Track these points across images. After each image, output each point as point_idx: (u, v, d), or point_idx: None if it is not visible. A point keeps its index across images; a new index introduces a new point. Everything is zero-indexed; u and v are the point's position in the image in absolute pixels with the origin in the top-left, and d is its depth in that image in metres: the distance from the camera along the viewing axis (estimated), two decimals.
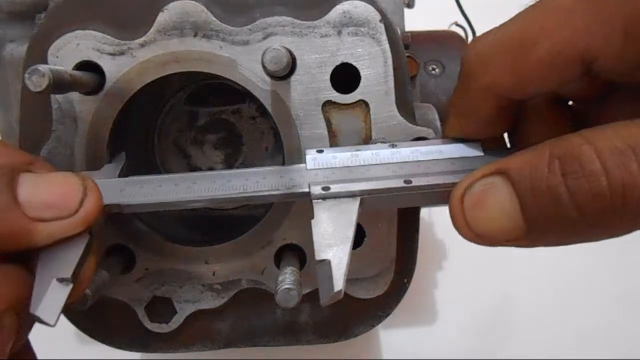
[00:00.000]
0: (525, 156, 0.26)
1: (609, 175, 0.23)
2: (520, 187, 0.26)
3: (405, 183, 0.30)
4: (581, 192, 0.24)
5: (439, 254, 0.72)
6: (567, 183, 0.24)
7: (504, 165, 0.27)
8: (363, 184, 0.30)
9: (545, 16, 0.28)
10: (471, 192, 0.28)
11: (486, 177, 0.28)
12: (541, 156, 0.25)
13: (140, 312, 0.38)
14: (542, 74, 0.28)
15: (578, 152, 0.24)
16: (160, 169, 0.45)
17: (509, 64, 0.28)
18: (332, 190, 0.30)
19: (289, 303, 0.33)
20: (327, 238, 0.28)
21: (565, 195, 0.24)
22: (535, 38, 0.27)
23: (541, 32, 0.27)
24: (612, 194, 0.23)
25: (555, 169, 0.24)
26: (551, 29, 0.27)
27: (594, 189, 0.23)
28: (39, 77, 0.29)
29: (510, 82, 0.29)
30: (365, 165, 0.32)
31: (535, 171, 0.25)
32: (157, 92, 0.43)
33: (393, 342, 0.66)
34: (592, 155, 0.24)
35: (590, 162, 0.24)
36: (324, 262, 0.27)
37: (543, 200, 0.25)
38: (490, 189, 0.27)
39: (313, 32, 0.34)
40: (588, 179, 0.23)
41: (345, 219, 0.29)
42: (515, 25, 0.29)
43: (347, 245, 0.28)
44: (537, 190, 0.25)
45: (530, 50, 0.27)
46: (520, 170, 0.26)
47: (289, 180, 0.31)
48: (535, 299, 0.68)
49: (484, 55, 0.30)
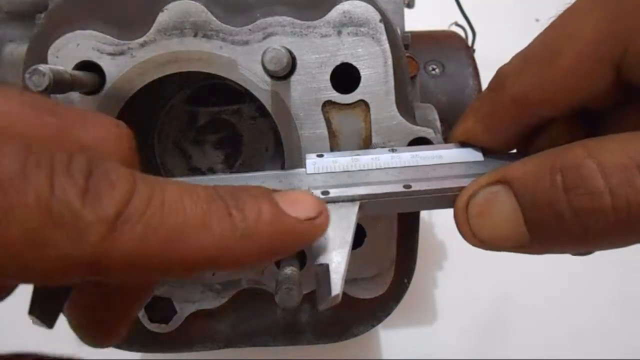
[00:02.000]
0: (528, 166, 0.26)
1: (612, 192, 0.23)
2: (523, 198, 0.25)
3: (405, 188, 0.30)
4: (584, 208, 0.23)
5: (439, 254, 0.72)
6: (570, 199, 0.24)
7: (506, 175, 0.27)
8: (362, 188, 0.30)
9: (565, 22, 0.27)
10: (475, 201, 0.28)
11: (490, 186, 0.27)
12: (543, 167, 0.25)
13: (140, 312, 0.38)
14: (572, 84, 0.27)
15: (581, 166, 0.24)
16: (160, 169, 0.45)
17: (537, 76, 0.28)
18: (331, 195, 0.30)
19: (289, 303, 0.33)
20: (326, 242, 0.28)
21: (567, 212, 0.24)
22: (558, 47, 0.27)
23: (564, 38, 0.26)
24: (616, 211, 0.23)
25: (558, 182, 0.24)
26: (573, 34, 0.26)
27: (597, 206, 0.23)
28: (39, 77, 0.29)
29: (540, 95, 0.28)
30: (364, 170, 0.32)
31: (538, 183, 0.25)
32: (157, 92, 0.43)
33: (393, 342, 0.66)
34: (596, 171, 0.23)
35: (594, 179, 0.23)
36: (322, 266, 0.27)
37: (545, 213, 0.25)
38: (493, 198, 0.27)
39: (313, 32, 0.34)
40: (591, 196, 0.23)
41: (344, 223, 0.29)
42: (541, 37, 0.28)
43: (345, 249, 0.28)
44: (539, 203, 0.25)
45: (555, 61, 0.27)
46: (522, 181, 0.26)
47: (289, 185, 0.31)
48: (536, 299, 0.68)
49: (516, 66, 0.29)
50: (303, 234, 0.24)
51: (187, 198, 0.21)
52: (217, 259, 0.21)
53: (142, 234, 0.19)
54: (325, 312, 0.40)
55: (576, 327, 0.66)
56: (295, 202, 0.24)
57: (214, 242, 0.21)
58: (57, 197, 0.18)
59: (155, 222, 0.20)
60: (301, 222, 0.24)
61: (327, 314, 0.40)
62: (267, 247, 0.23)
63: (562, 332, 0.66)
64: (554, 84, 0.27)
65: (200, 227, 0.21)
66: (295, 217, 0.24)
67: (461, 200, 0.28)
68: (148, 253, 0.20)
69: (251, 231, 0.22)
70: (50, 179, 0.18)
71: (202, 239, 0.21)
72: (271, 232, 0.23)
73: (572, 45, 0.26)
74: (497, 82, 0.30)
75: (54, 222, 0.18)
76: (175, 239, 0.20)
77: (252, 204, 0.23)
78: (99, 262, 0.19)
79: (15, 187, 0.17)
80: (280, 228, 0.23)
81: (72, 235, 0.18)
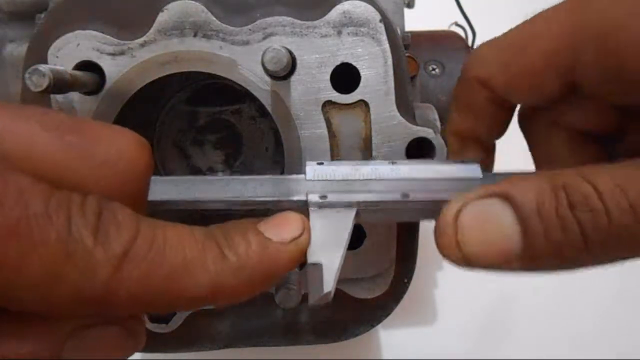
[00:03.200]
0: (528, 182, 0.26)
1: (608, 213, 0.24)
2: (525, 211, 0.26)
3: (402, 197, 0.30)
4: (588, 224, 0.25)
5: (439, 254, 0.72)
6: (575, 214, 0.25)
7: (506, 189, 0.27)
8: (360, 195, 0.30)
9: (535, 23, 0.30)
10: (467, 212, 0.27)
11: (484, 199, 0.27)
12: (545, 183, 0.26)
13: None
14: (529, 78, 0.30)
15: (580, 187, 0.25)
16: (160, 169, 0.45)
17: (502, 62, 0.31)
18: (329, 199, 0.30)
19: (288, 303, 0.33)
20: (320, 243, 0.28)
21: (574, 225, 0.25)
22: (525, 43, 0.30)
23: (529, 38, 0.30)
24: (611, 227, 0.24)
25: (562, 198, 0.25)
26: (537, 36, 0.29)
27: (598, 224, 0.24)
28: (39, 77, 0.29)
29: (501, 80, 0.31)
30: (363, 180, 0.32)
31: (542, 197, 0.25)
32: (157, 92, 0.43)
33: (393, 342, 0.66)
34: (594, 193, 0.24)
35: (593, 199, 0.24)
36: (315, 265, 0.27)
37: (550, 226, 0.25)
38: (490, 210, 0.27)
39: (313, 32, 0.34)
40: (594, 214, 0.24)
41: (340, 226, 0.29)
42: (513, 31, 0.31)
43: (340, 250, 0.28)
44: (544, 216, 0.25)
45: (520, 53, 0.30)
46: (524, 195, 0.26)
47: (287, 189, 0.31)
48: (535, 299, 0.68)
49: (484, 52, 0.32)
50: (290, 256, 0.26)
51: (186, 239, 0.23)
52: (215, 294, 0.23)
53: (146, 272, 0.21)
54: (325, 312, 0.40)
55: (576, 327, 0.66)
56: (278, 226, 0.26)
57: (211, 279, 0.23)
58: (74, 236, 0.20)
59: (158, 261, 0.21)
60: (286, 244, 0.26)
61: (327, 313, 0.40)
62: (259, 277, 0.24)
63: (562, 332, 0.66)
64: (515, 73, 0.31)
65: (198, 265, 0.23)
66: (280, 241, 0.26)
67: (451, 210, 0.27)
68: (152, 290, 0.21)
69: (243, 264, 0.24)
70: (69, 219, 0.20)
71: (200, 277, 0.22)
72: (260, 262, 0.24)
73: (536, 46, 0.29)
74: (466, 66, 0.33)
75: (69, 259, 0.20)
76: (177, 277, 0.22)
77: (240, 239, 0.25)
78: (107, 298, 0.20)
79: (40, 225, 0.19)
80: (268, 256, 0.25)
81: (84, 272, 0.20)
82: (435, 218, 0.30)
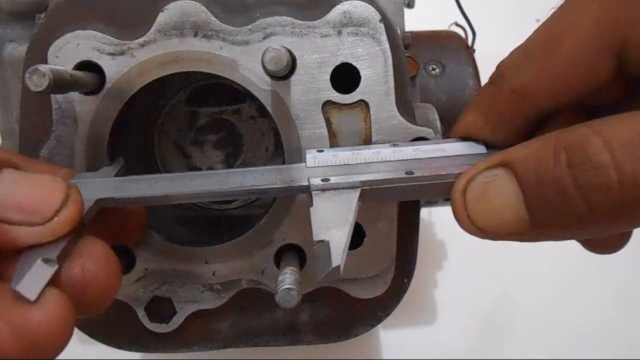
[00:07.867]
0: (530, 147, 0.26)
1: (618, 167, 0.22)
2: (525, 179, 0.25)
3: (407, 174, 0.30)
4: (589, 185, 0.23)
5: (439, 254, 0.72)
6: (575, 175, 0.23)
7: (507, 157, 0.26)
8: (363, 175, 0.30)
9: (564, 13, 0.27)
10: (473, 184, 0.27)
11: (489, 169, 0.27)
12: (546, 147, 0.24)
13: (140, 312, 0.38)
14: (571, 74, 0.27)
15: (585, 142, 0.23)
16: (160, 169, 0.45)
17: (536, 67, 0.28)
18: (332, 182, 0.30)
19: (289, 303, 0.33)
20: (326, 222, 0.27)
21: (572, 188, 0.23)
22: (558, 36, 0.27)
23: (564, 29, 0.26)
24: (622, 187, 0.22)
25: (562, 160, 0.23)
26: (572, 25, 0.26)
27: (602, 182, 0.22)
28: (39, 77, 0.29)
29: (540, 86, 0.28)
30: (365, 163, 0.32)
31: (540, 162, 0.24)
32: (157, 92, 0.43)
33: (393, 342, 0.66)
34: (600, 146, 0.22)
35: (598, 154, 0.22)
36: (322, 243, 0.26)
37: (548, 192, 0.24)
38: (493, 181, 0.26)
39: (313, 32, 0.34)
40: (596, 172, 0.22)
41: (345, 206, 0.28)
42: (541, 28, 0.28)
43: (346, 228, 0.27)
44: (542, 182, 0.24)
45: (554, 51, 0.27)
46: (524, 162, 0.25)
47: (288, 176, 0.31)
48: (536, 299, 0.68)
49: (515, 59, 0.29)
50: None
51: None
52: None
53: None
54: (325, 312, 0.40)
55: (576, 327, 0.66)
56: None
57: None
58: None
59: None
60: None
61: (327, 313, 0.40)
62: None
63: (562, 332, 0.66)
64: (553, 74, 0.27)
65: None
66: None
67: (459, 185, 0.28)
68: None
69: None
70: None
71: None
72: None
73: (572, 35, 0.26)
74: (497, 75, 0.30)
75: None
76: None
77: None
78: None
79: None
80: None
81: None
82: (441, 195, 0.30)
